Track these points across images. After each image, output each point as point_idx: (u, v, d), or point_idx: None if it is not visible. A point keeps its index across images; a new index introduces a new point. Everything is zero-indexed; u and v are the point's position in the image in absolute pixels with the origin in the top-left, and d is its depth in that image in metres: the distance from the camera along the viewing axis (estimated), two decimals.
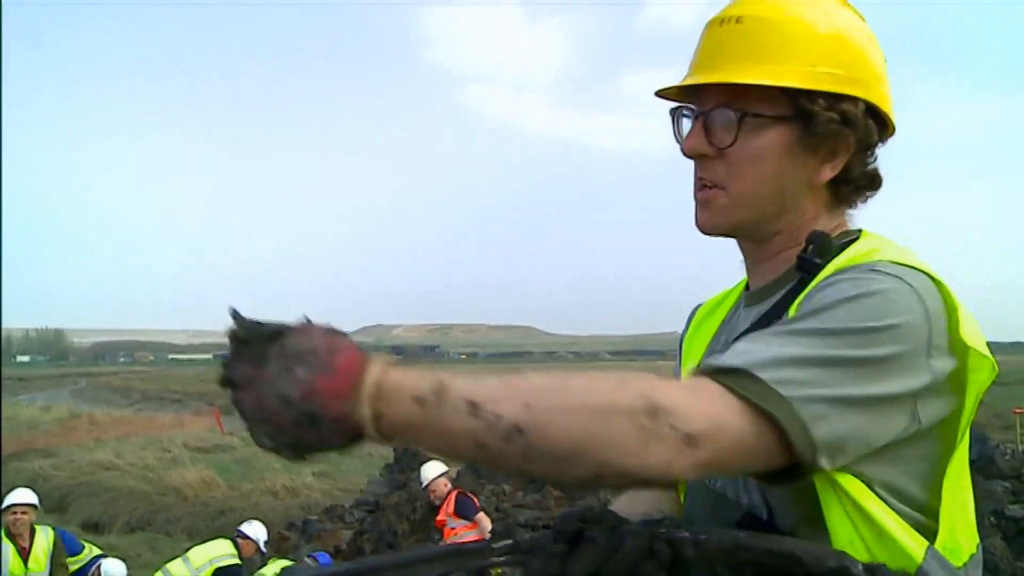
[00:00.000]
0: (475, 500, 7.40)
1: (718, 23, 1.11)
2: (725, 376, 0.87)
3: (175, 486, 16.04)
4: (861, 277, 0.95)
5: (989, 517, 7.45)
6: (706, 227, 1.14)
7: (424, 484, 7.47)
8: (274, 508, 14.43)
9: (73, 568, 6.51)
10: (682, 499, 1.24)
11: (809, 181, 1.09)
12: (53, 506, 15.39)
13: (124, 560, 7.34)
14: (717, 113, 1.08)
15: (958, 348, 0.95)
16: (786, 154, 1.07)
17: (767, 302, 1.12)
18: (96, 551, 6.84)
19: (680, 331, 1.38)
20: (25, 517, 6.33)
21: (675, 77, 1.16)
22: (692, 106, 1.14)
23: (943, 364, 0.94)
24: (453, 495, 7.18)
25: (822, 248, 1.05)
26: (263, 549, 6.58)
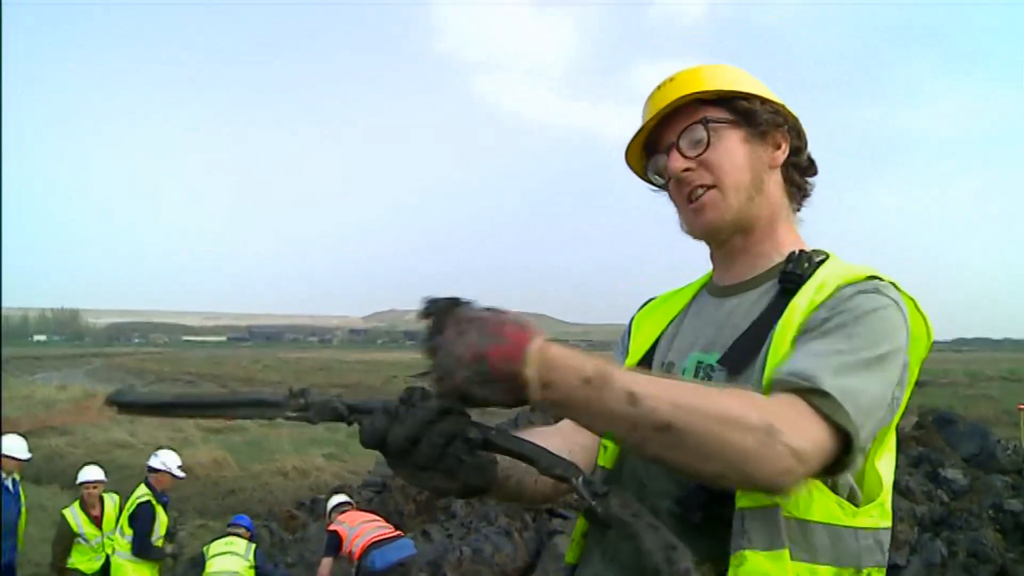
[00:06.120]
0: (343, 536, 6.38)
1: (656, 90, 1.35)
2: (809, 395, 1.04)
3: (187, 465, 15.94)
4: (872, 295, 1.16)
5: (988, 510, 7.52)
6: (711, 224, 1.32)
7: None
8: (284, 488, 14.62)
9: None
10: (607, 452, 1.38)
11: (770, 163, 1.34)
12: (69, 482, 15.61)
13: None
14: (684, 135, 1.32)
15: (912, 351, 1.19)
16: (747, 145, 1.32)
17: (743, 296, 1.33)
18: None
19: None
20: (95, 491, 7.31)
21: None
22: (659, 178, 1.39)
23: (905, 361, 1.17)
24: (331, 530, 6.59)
25: (801, 263, 1.28)
26: (177, 475, 7.24)
